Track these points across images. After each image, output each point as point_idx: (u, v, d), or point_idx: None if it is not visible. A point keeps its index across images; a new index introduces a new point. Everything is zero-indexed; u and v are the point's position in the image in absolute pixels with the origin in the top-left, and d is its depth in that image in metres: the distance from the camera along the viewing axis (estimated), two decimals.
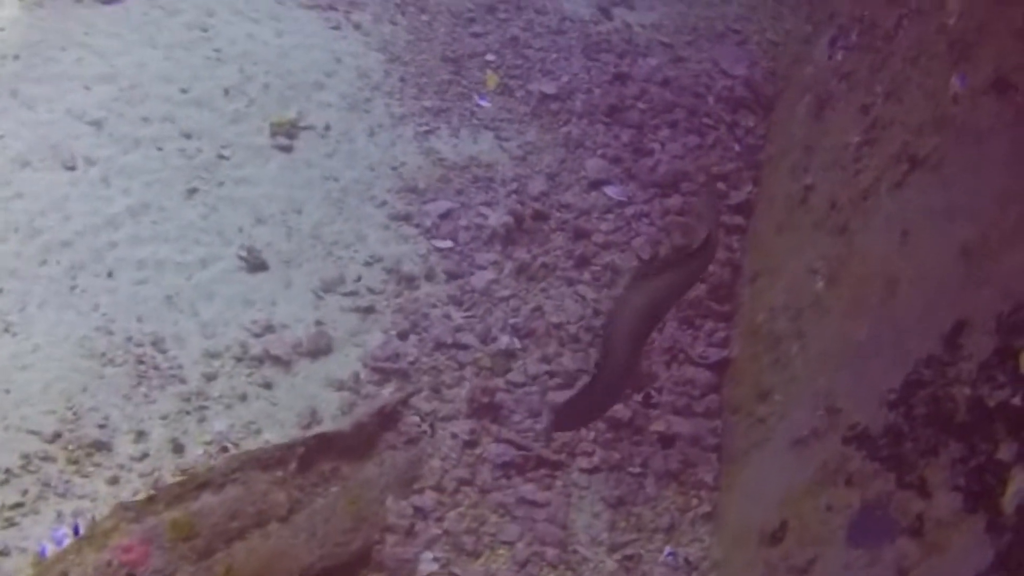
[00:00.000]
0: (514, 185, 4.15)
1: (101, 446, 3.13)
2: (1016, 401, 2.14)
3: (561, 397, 3.42)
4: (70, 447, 3.11)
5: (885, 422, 2.56)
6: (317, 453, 3.02)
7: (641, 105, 4.56)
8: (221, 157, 4.06)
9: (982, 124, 2.67)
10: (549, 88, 4.56)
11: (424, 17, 4.85)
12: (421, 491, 3.19)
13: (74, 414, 3.18)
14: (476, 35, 4.80)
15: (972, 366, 2.30)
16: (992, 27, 2.76)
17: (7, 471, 3.03)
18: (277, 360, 3.44)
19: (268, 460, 2.90)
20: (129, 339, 3.42)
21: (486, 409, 3.38)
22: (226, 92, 4.29)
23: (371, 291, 3.72)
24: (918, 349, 2.51)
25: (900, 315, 2.74)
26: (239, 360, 3.43)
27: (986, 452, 2.16)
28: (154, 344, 3.43)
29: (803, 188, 3.78)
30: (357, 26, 4.74)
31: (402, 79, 4.54)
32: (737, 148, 4.43)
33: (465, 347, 3.58)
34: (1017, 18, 2.61)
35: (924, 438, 2.40)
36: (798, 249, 3.61)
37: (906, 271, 2.79)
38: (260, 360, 3.44)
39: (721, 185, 4.31)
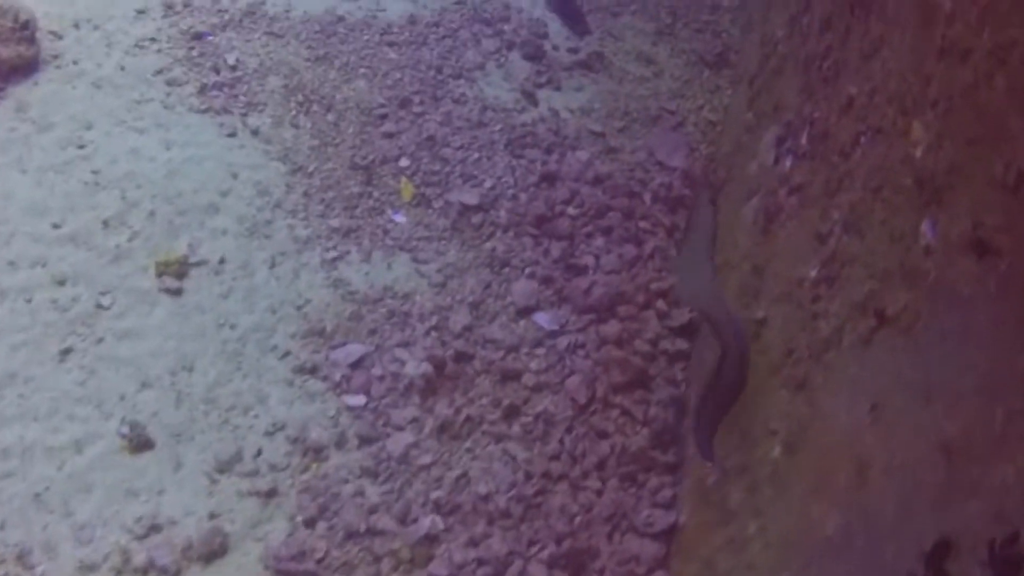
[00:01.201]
0: (434, 320, 3.72)
1: None
2: None
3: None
4: None
5: None
6: None
7: (572, 211, 4.16)
8: (100, 307, 3.58)
9: (960, 289, 2.29)
10: (470, 198, 4.13)
11: (330, 117, 4.36)
12: None
13: None
14: (388, 135, 4.33)
15: None
16: (967, 172, 2.36)
17: None
18: (164, 571, 2.98)
19: None
20: None
21: None
22: (105, 224, 3.80)
23: (273, 468, 3.28)
24: (895, 564, 2.14)
25: (873, 510, 2.37)
26: (119, 573, 2.98)
27: None
28: (19, 559, 2.95)
29: (755, 322, 3.42)
30: (255, 132, 4.25)
31: (306, 194, 4.07)
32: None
33: (381, 533, 3.15)
34: (997, 165, 2.21)
35: None
36: (751, 399, 3.25)
37: (878, 456, 2.41)
38: (144, 571, 2.98)
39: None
